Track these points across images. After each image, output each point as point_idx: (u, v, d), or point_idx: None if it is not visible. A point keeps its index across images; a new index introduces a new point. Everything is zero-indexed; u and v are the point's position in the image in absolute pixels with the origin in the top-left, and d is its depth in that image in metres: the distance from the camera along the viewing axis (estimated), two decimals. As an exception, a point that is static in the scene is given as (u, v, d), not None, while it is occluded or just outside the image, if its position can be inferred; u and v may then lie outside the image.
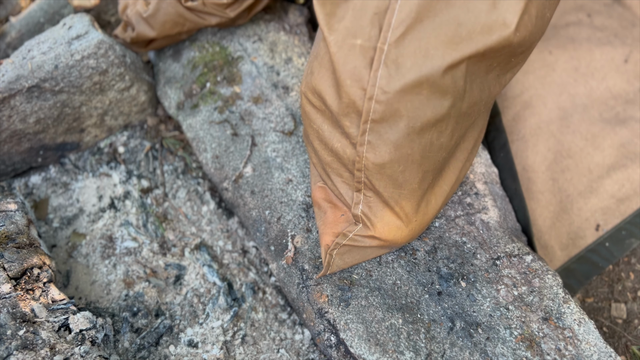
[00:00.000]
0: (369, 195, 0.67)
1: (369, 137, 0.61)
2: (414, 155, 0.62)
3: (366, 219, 0.69)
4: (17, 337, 0.68)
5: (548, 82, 1.11)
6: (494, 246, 0.79)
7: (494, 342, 0.69)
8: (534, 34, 0.60)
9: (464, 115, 0.64)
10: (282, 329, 0.87)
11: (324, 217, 0.76)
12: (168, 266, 0.91)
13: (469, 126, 0.69)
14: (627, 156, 1.01)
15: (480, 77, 0.62)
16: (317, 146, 0.69)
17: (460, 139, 0.70)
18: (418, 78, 0.56)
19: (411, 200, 0.68)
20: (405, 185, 0.65)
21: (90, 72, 0.94)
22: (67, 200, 0.99)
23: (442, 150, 0.65)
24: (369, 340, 0.69)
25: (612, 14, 1.23)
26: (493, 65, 0.62)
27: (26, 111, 0.92)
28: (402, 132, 0.60)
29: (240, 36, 1.05)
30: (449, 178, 0.73)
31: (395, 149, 0.61)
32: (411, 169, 0.64)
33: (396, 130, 0.60)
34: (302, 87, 0.66)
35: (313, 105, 0.65)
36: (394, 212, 0.68)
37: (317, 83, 0.63)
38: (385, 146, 0.61)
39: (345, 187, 0.69)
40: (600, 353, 0.68)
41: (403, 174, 0.64)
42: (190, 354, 0.83)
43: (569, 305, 0.72)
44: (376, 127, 0.60)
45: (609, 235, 0.96)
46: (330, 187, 0.72)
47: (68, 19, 0.98)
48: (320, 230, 0.76)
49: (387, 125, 0.60)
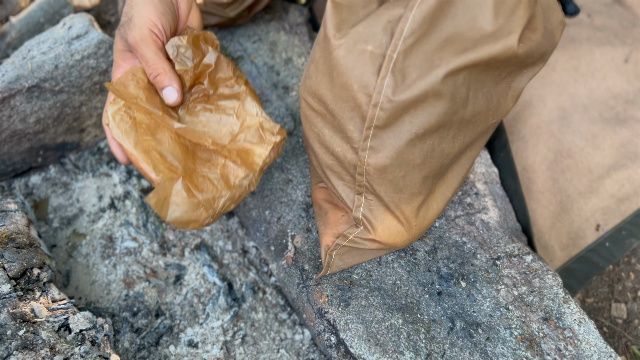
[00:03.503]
0: (370, 198, 0.67)
1: (371, 143, 0.61)
2: (415, 160, 0.63)
3: (367, 222, 0.69)
4: (17, 337, 0.68)
5: (548, 82, 1.11)
6: (494, 246, 0.79)
7: (494, 342, 0.70)
8: (542, 44, 0.60)
9: (468, 123, 0.64)
10: (282, 329, 0.87)
11: (324, 218, 0.76)
12: (168, 266, 0.91)
13: (477, 136, 0.69)
14: (627, 156, 1.01)
15: (488, 86, 0.62)
16: (318, 149, 0.69)
17: (466, 147, 0.70)
18: (424, 89, 0.56)
19: (411, 204, 0.68)
20: (405, 189, 0.66)
21: (91, 72, 0.94)
22: (67, 200, 0.99)
23: (444, 156, 0.65)
24: (369, 341, 0.70)
25: (612, 14, 1.23)
26: (502, 75, 0.62)
27: (26, 111, 0.92)
28: (404, 138, 0.60)
29: (240, 36, 1.05)
30: (451, 183, 0.73)
31: (396, 154, 0.62)
32: (412, 174, 0.64)
33: (398, 136, 0.60)
34: (301, 91, 0.67)
35: (313, 109, 0.65)
36: (394, 216, 0.68)
37: (317, 87, 0.63)
38: (387, 151, 0.61)
39: (347, 190, 0.70)
40: (600, 353, 0.68)
41: (404, 178, 0.64)
42: (190, 354, 0.83)
43: (569, 305, 0.72)
44: (379, 134, 0.60)
45: (609, 235, 0.96)
46: (331, 190, 0.72)
47: (68, 18, 0.98)
48: (320, 230, 0.76)
49: (389, 132, 0.60)
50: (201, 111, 0.72)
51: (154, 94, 0.69)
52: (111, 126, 0.65)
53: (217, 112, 0.72)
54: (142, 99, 0.67)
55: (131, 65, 0.69)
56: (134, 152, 0.65)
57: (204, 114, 0.72)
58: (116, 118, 0.65)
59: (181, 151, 0.68)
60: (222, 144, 0.71)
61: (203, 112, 0.72)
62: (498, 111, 0.68)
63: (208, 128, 0.71)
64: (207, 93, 0.73)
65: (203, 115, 0.72)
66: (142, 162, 0.65)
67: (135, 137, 0.65)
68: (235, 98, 0.73)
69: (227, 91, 0.73)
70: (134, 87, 0.67)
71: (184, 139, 0.69)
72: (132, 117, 0.66)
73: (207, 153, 0.72)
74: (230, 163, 0.71)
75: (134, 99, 0.67)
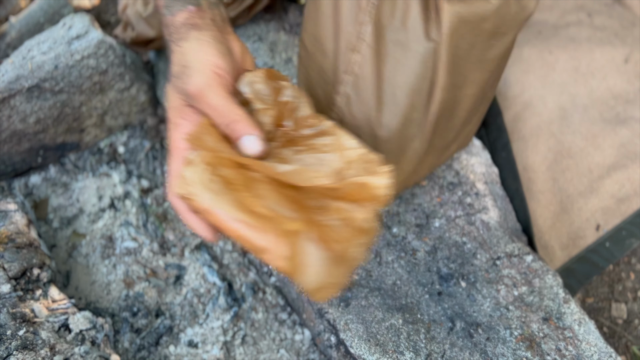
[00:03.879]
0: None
1: (346, 89, 0.65)
2: (390, 123, 0.67)
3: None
4: (17, 337, 0.68)
5: (548, 82, 1.11)
6: (494, 246, 0.79)
7: (494, 343, 0.69)
8: (510, 15, 0.64)
9: (445, 87, 0.67)
10: (282, 329, 0.87)
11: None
12: (168, 266, 0.91)
13: (455, 104, 0.72)
14: (628, 156, 1.01)
15: (462, 54, 0.66)
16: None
17: (448, 113, 0.72)
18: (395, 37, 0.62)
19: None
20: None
21: (90, 72, 0.94)
22: (67, 200, 0.99)
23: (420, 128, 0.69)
24: (369, 341, 0.69)
25: (612, 14, 1.23)
26: (475, 43, 0.66)
27: (26, 111, 0.92)
28: (371, 88, 0.65)
29: (240, 36, 1.05)
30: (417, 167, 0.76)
31: (366, 108, 0.66)
32: (382, 135, 0.68)
33: (370, 86, 0.65)
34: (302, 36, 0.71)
35: (307, 49, 0.70)
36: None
37: (316, 31, 0.67)
38: (359, 103, 0.66)
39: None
40: (600, 353, 0.68)
41: (371, 136, 0.69)
42: (190, 354, 0.83)
43: (569, 306, 0.72)
44: (356, 82, 0.65)
45: (609, 235, 0.96)
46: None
47: (68, 18, 0.98)
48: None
49: (364, 84, 0.65)
50: (292, 155, 0.59)
51: (233, 147, 0.57)
52: (195, 193, 0.51)
53: (311, 152, 0.60)
54: (225, 152, 0.54)
55: (194, 122, 0.56)
56: (237, 217, 0.50)
57: (297, 157, 0.59)
58: (201, 181, 0.51)
59: (289, 202, 0.55)
60: (332, 185, 0.57)
61: (295, 155, 0.59)
62: (475, 82, 0.70)
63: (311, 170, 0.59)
64: (291, 135, 0.61)
65: (297, 159, 0.59)
66: (249, 227, 0.50)
67: (234, 198, 0.51)
68: (325, 134, 0.62)
69: (311, 131, 0.62)
70: (211, 141, 0.55)
71: (286, 187, 0.56)
72: (221, 176, 0.52)
73: (314, 199, 0.58)
74: (346, 204, 0.58)
75: (217, 152, 0.54)
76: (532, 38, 1.17)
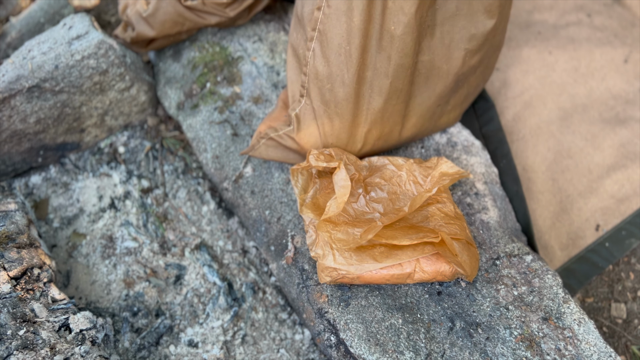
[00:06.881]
0: (307, 103, 0.78)
1: (314, 45, 0.72)
2: (344, 77, 0.72)
3: (297, 122, 0.80)
4: (18, 337, 0.68)
5: (548, 82, 1.11)
6: (494, 246, 0.79)
7: (494, 342, 0.70)
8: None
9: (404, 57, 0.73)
10: (282, 328, 0.87)
11: (271, 111, 0.89)
12: (168, 266, 0.92)
13: (414, 78, 0.77)
14: (627, 156, 1.01)
15: (424, 33, 0.72)
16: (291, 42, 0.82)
17: (407, 87, 0.77)
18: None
19: (333, 123, 0.78)
20: (330, 104, 0.76)
21: (91, 72, 0.94)
22: (67, 200, 0.99)
23: (376, 86, 0.74)
24: (369, 340, 0.70)
25: (612, 14, 1.23)
26: (432, 24, 0.72)
27: (26, 111, 0.92)
28: (334, 48, 0.71)
29: (240, 36, 1.05)
30: (385, 127, 0.80)
31: (327, 63, 0.72)
32: (338, 90, 0.74)
33: (332, 45, 0.71)
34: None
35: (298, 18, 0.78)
36: (316, 125, 0.79)
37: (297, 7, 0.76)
38: (322, 58, 0.73)
39: (297, 89, 0.80)
40: (600, 353, 0.68)
41: (331, 92, 0.74)
42: (190, 353, 0.83)
43: (569, 305, 0.72)
44: (320, 37, 0.71)
45: (609, 235, 0.96)
46: (290, 87, 0.83)
47: (68, 19, 0.98)
48: (263, 119, 0.89)
49: (325, 40, 0.71)
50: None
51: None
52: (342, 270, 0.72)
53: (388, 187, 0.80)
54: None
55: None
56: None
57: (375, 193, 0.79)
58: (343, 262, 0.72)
59: (408, 231, 0.72)
60: (429, 195, 0.75)
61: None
62: (441, 62, 0.75)
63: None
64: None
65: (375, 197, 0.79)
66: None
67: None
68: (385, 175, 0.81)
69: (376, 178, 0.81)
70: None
71: (387, 228, 0.73)
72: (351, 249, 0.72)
73: (416, 217, 0.76)
74: (435, 206, 0.77)
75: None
76: (532, 38, 1.17)
